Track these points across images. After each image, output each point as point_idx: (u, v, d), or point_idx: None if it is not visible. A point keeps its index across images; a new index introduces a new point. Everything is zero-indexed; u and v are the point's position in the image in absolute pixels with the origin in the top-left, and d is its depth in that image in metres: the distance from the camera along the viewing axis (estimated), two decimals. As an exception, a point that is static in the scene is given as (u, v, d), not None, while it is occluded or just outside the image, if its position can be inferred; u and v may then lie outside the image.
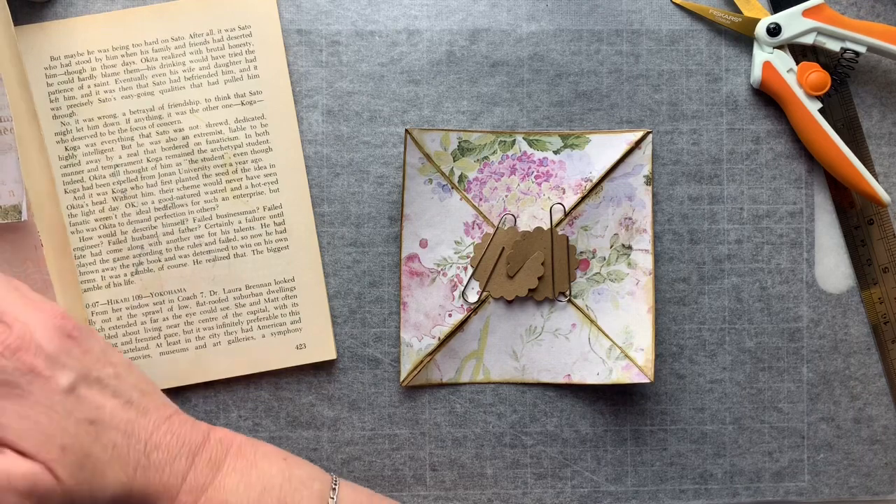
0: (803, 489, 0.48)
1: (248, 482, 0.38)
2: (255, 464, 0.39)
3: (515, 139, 0.48)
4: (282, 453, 0.41)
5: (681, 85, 0.48)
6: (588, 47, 0.48)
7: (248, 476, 0.39)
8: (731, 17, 0.47)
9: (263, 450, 0.40)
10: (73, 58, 0.46)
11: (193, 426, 0.39)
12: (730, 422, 0.48)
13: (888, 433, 0.48)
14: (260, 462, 0.39)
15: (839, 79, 0.48)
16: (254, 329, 0.46)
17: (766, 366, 0.48)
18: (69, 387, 0.36)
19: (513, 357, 0.47)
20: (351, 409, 0.47)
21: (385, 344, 0.47)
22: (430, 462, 0.47)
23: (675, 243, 0.48)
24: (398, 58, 0.47)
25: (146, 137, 0.46)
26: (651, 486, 0.48)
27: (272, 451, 0.41)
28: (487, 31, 0.48)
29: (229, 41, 0.46)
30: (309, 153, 0.47)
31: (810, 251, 0.49)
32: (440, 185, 0.47)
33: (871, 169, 0.49)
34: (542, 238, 0.47)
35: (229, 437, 0.40)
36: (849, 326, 0.49)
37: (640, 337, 0.46)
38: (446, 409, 0.47)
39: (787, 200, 0.48)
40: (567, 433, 0.48)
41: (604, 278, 0.47)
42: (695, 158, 0.48)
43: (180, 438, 0.38)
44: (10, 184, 0.42)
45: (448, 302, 0.47)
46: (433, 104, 0.47)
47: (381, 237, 0.47)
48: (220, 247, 0.46)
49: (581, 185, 0.47)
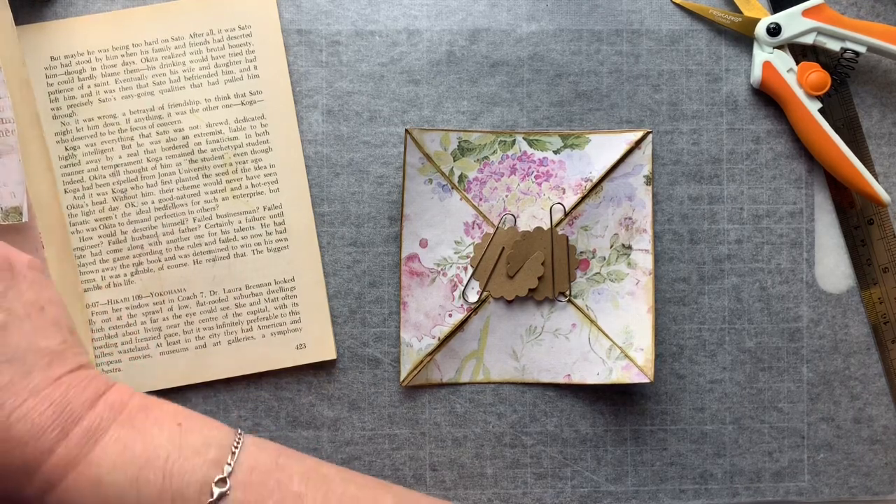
0: (803, 489, 0.48)
1: (131, 455, 0.34)
2: (144, 431, 0.35)
3: (515, 139, 0.48)
4: (180, 416, 0.36)
5: (681, 85, 0.48)
6: (588, 47, 0.48)
7: (131, 448, 0.34)
8: (731, 17, 0.47)
9: (157, 414, 0.36)
10: (73, 58, 0.46)
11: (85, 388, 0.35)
12: (730, 422, 0.48)
13: (888, 433, 0.48)
14: (150, 429, 0.35)
15: (839, 79, 0.48)
16: (254, 329, 0.46)
17: (766, 366, 0.48)
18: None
19: (513, 357, 0.47)
20: (351, 409, 0.47)
21: (385, 344, 0.47)
22: (430, 462, 0.47)
23: (675, 243, 0.48)
24: (398, 58, 0.47)
25: (146, 137, 0.46)
26: (651, 486, 0.48)
27: (169, 413, 0.36)
28: (487, 31, 0.48)
29: (229, 41, 0.46)
30: (309, 153, 0.47)
31: (810, 251, 0.49)
32: (440, 185, 0.47)
33: (871, 169, 0.49)
34: (542, 238, 0.47)
35: (124, 399, 0.36)
36: (849, 326, 0.49)
37: (640, 337, 0.46)
38: (446, 409, 0.47)
39: (787, 200, 0.48)
40: (567, 433, 0.48)
41: (604, 278, 0.47)
42: (695, 158, 0.48)
43: (59, 407, 0.34)
44: (12, 185, 0.42)
45: (448, 302, 0.47)
46: (433, 104, 0.48)
47: (381, 237, 0.47)
48: (220, 247, 0.46)
49: (581, 185, 0.47)
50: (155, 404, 0.36)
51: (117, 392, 0.36)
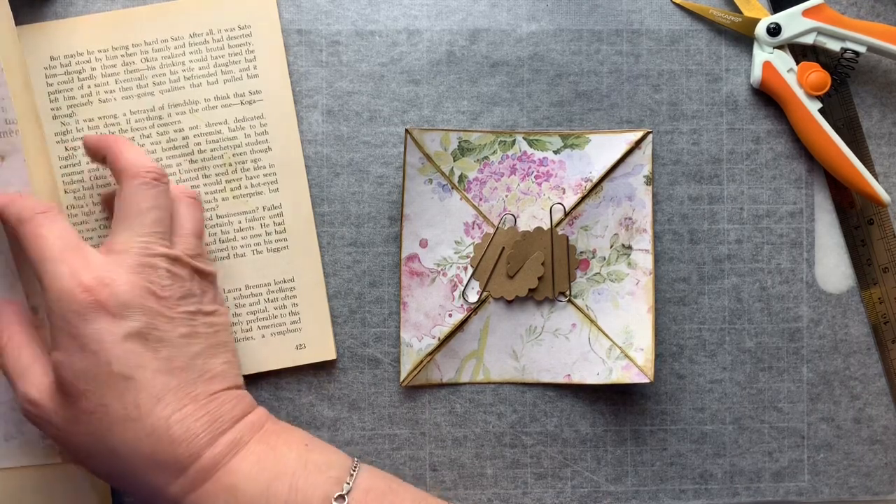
0: (803, 489, 0.48)
1: (263, 466, 0.38)
2: (275, 448, 0.39)
3: (515, 139, 0.48)
4: (305, 439, 0.41)
5: (681, 85, 0.48)
6: (588, 47, 0.48)
7: (264, 460, 0.38)
8: (731, 17, 0.47)
9: (286, 436, 0.40)
10: (73, 58, 0.46)
11: (235, 406, 0.39)
12: (730, 422, 0.48)
13: (888, 433, 0.48)
14: (281, 447, 0.39)
15: (839, 79, 0.48)
16: (253, 329, 0.46)
17: (766, 366, 0.48)
18: (125, 336, 0.36)
19: (513, 357, 0.47)
20: (351, 409, 0.47)
21: (385, 344, 0.47)
22: (430, 462, 0.47)
23: (675, 243, 0.48)
24: (398, 58, 0.47)
25: (146, 138, 0.46)
26: (651, 486, 0.48)
27: (297, 436, 0.40)
28: (487, 31, 0.48)
29: (229, 41, 0.46)
30: (309, 153, 0.47)
31: (810, 251, 0.49)
32: (440, 185, 0.47)
33: (871, 169, 0.49)
34: (542, 238, 0.47)
35: (262, 420, 0.40)
36: (849, 326, 0.49)
37: (640, 337, 0.46)
38: (446, 409, 0.47)
39: (787, 200, 0.48)
40: (567, 433, 0.48)
41: (604, 278, 0.47)
42: (695, 158, 0.48)
43: (212, 417, 0.38)
44: (18, 185, 0.42)
45: (448, 302, 0.47)
46: (433, 104, 0.48)
47: (381, 237, 0.47)
48: (219, 247, 0.46)
49: (581, 185, 0.47)
50: (286, 429, 0.41)
51: (257, 414, 0.40)
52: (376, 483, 0.39)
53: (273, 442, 0.39)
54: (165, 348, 0.38)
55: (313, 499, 0.37)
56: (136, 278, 0.38)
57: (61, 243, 0.38)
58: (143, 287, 0.38)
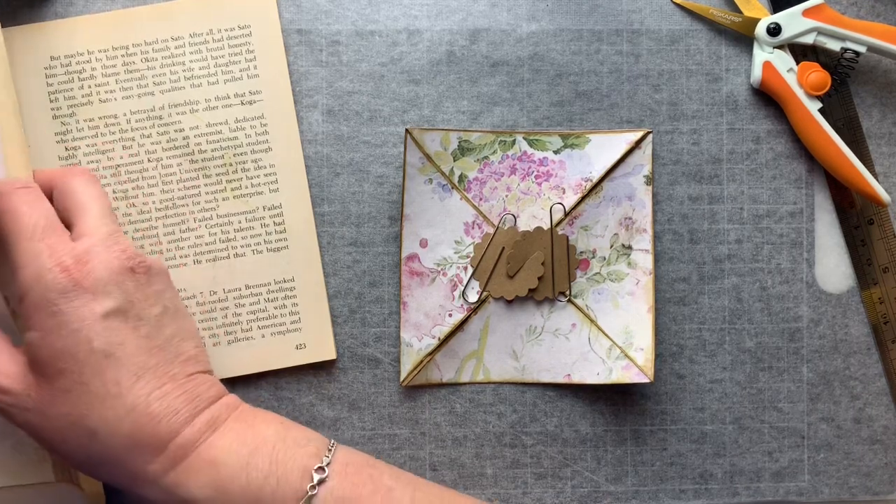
0: (803, 489, 0.48)
1: (243, 441, 0.38)
2: (253, 425, 0.39)
3: (515, 139, 0.48)
4: (281, 418, 0.41)
5: (681, 85, 0.48)
6: (588, 47, 0.48)
7: (243, 436, 0.39)
8: (731, 17, 0.47)
9: (263, 415, 0.41)
10: (73, 58, 0.46)
11: (210, 388, 0.39)
12: (730, 422, 0.48)
13: (888, 433, 0.48)
14: (259, 424, 0.39)
15: (839, 79, 0.48)
16: (253, 329, 0.46)
17: (766, 366, 0.48)
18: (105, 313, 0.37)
19: (513, 357, 0.47)
20: (351, 409, 0.47)
21: (385, 344, 0.47)
22: (430, 462, 0.47)
23: (675, 243, 0.48)
24: (398, 57, 0.47)
25: (147, 138, 0.46)
26: (651, 486, 0.48)
27: (273, 416, 0.41)
28: (487, 31, 0.48)
29: (229, 41, 0.46)
30: (309, 153, 0.47)
31: (810, 251, 0.49)
32: (440, 184, 0.47)
33: (871, 169, 0.49)
34: (542, 238, 0.47)
35: (236, 402, 0.41)
36: (849, 326, 0.49)
37: (640, 337, 0.46)
38: (446, 409, 0.47)
39: (787, 200, 0.48)
40: (567, 433, 0.48)
41: (604, 278, 0.47)
42: (695, 158, 0.48)
43: (190, 396, 0.38)
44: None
45: (448, 302, 0.47)
46: (433, 104, 0.48)
47: (381, 237, 0.47)
48: (220, 247, 0.46)
49: (581, 185, 0.47)
50: (262, 410, 0.41)
51: (232, 398, 0.41)
52: (354, 458, 0.40)
53: (250, 420, 0.40)
54: (144, 326, 0.38)
55: (293, 471, 0.38)
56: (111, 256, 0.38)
57: (44, 222, 0.38)
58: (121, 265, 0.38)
